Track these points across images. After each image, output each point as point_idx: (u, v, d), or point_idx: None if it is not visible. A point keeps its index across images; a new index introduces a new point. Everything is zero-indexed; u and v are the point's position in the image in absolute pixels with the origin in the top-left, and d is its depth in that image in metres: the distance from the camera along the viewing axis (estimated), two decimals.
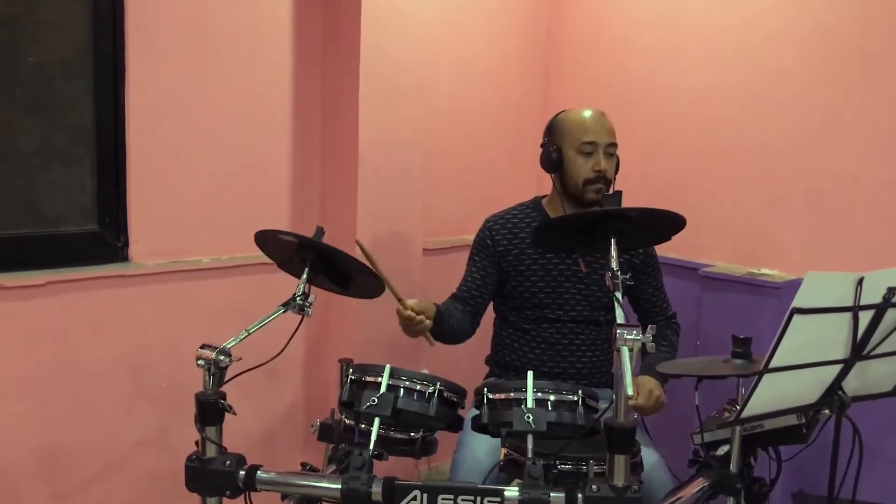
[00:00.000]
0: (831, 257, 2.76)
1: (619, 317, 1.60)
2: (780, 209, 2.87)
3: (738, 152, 2.99)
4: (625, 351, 1.52)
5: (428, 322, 2.21)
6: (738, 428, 1.85)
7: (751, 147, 2.95)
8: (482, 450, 2.17)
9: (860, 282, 1.54)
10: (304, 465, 2.14)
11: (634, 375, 2.25)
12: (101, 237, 2.50)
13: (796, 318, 1.48)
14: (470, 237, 3.17)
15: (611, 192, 2.37)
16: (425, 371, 1.93)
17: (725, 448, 1.93)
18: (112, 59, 2.45)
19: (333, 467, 2.18)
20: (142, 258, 2.54)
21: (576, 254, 2.36)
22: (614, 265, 1.70)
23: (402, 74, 2.88)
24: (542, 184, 3.59)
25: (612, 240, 1.71)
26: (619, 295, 1.65)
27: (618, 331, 1.53)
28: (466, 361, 2.95)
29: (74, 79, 2.42)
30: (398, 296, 2.14)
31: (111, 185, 2.50)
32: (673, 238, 1.94)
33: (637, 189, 2.41)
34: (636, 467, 1.94)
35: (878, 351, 1.66)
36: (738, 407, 1.89)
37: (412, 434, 1.87)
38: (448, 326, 2.34)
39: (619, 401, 1.55)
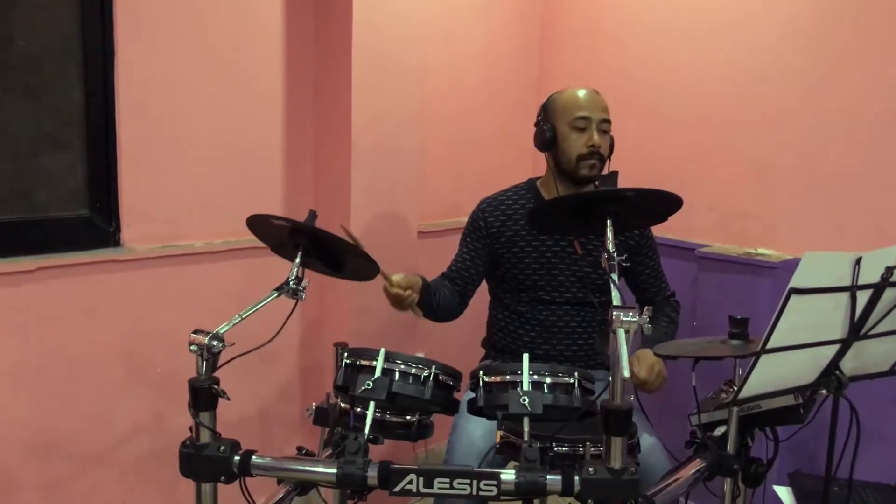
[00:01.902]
0: (827, 237, 2.75)
1: (616, 298, 1.59)
2: (777, 189, 2.86)
3: (734, 132, 2.97)
4: (621, 333, 1.50)
5: (415, 296, 2.21)
6: (735, 409, 1.85)
7: (747, 126, 2.93)
8: (478, 433, 2.16)
9: (858, 261, 1.53)
10: (299, 449, 2.14)
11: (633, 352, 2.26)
12: (92, 222, 2.47)
13: (794, 298, 1.46)
14: (465, 219, 3.16)
15: (605, 171, 2.36)
16: (421, 354, 1.92)
17: (723, 429, 1.93)
18: (101, 42, 2.41)
19: (329, 451, 2.18)
20: (134, 243, 2.52)
21: (571, 235, 2.35)
22: (610, 247, 1.68)
23: (396, 54, 2.85)
24: (536, 165, 3.57)
25: (608, 221, 1.70)
26: (615, 276, 1.64)
27: (614, 312, 1.52)
28: (461, 344, 2.95)
29: (63, 62, 2.39)
30: (384, 274, 2.13)
31: (102, 169, 2.47)
32: (669, 218, 1.93)
33: (632, 169, 2.40)
34: (633, 449, 1.93)
35: (876, 330, 1.65)
36: (735, 388, 1.89)
37: (408, 417, 1.85)
38: (434, 301, 2.34)
39: (615, 382, 1.53)
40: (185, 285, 2.63)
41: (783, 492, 2.32)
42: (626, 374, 1.45)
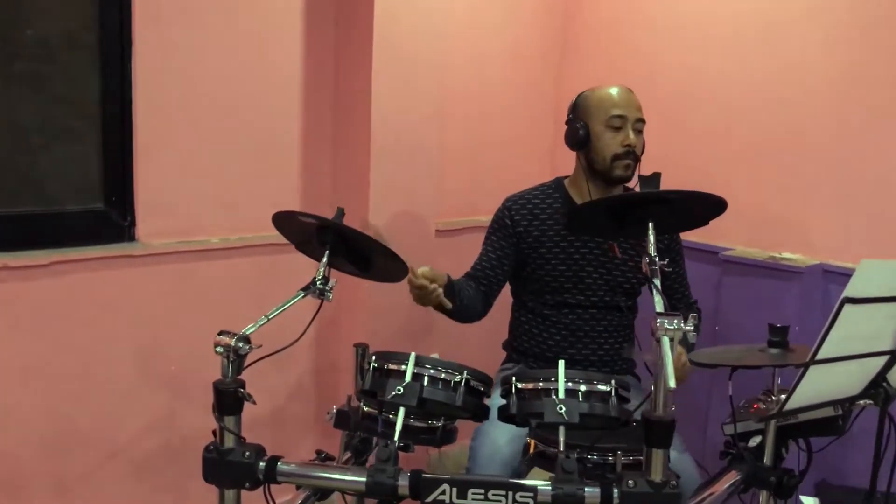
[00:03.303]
0: (854, 242, 2.70)
1: (659, 305, 1.53)
2: (803, 193, 2.81)
3: (757, 135, 2.92)
4: (665, 341, 1.45)
5: (440, 290, 2.13)
6: (772, 420, 1.79)
7: (771, 129, 2.88)
8: (502, 439, 2.11)
9: None
10: (318, 452, 2.09)
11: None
12: (106, 216, 2.41)
13: (847, 307, 1.41)
14: (482, 218, 3.11)
15: (637, 171, 2.30)
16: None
17: (757, 439, 1.87)
18: (118, 31, 2.36)
19: (349, 455, 2.13)
20: (149, 238, 2.46)
21: (609, 238, 2.29)
22: (652, 251, 1.62)
23: (417, 50, 2.79)
24: (556, 164, 3.52)
25: (650, 224, 1.64)
26: (657, 282, 1.58)
27: (658, 320, 1.46)
28: (480, 346, 2.89)
29: (79, 52, 2.33)
30: (409, 266, 2.06)
31: (117, 163, 2.41)
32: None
33: (654, 170, 2.33)
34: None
35: None
36: (773, 397, 1.84)
37: (433, 423, 1.80)
38: (458, 300, 2.26)
39: (658, 392, 1.48)
40: (200, 282, 2.57)
41: (810, 502, 2.27)
42: (672, 383, 1.40)
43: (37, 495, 2.32)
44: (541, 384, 1.66)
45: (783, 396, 1.80)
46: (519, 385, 1.68)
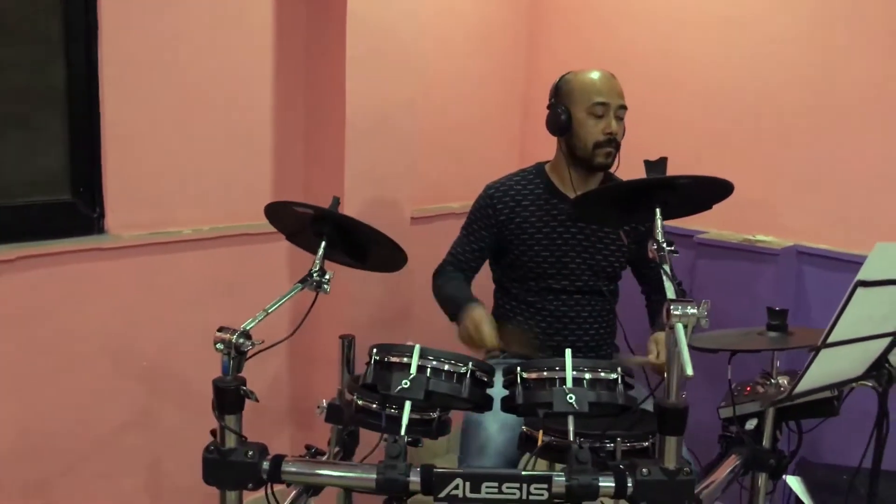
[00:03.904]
0: (826, 223, 2.74)
1: (670, 291, 1.52)
2: (774, 175, 2.83)
3: (730, 117, 2.93)
4: (679, 328, 1.43)
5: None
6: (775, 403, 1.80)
7: (743, 112, 2.90)
8: (493, 427, 2.09)
9: None
10: (308, 447, 2.03)
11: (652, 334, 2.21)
12: (74, 208, 2.32)
13: (860, 290, 1.41)
14: (455, 204, 3.07)
15: (617, 158, 2.29)
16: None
17: (754, 422, 1.88)
18: (84, 16, 2.25)
19: (338, 449, 2.09)
20: (119, 230, 2.37)
21: (614, 226, 2.28)
22: (660, 236, 1.61)
23: (391, 33, 2.72)
24: (525, 149, 3.50)
25: (657, 210, 1.62)
26: (667, 268, 1.57)
27: (671, 306, 1.45)
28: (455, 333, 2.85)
29: (41, 37, 2.22)
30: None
31: (85, 152, 2.31)
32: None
33: (627, 155, 2.33)
34: None
35: None
36: (773, 380, 1.85)
37: (429, 414, 1.76)
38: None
39: (671, 379, 1.47)
40: (173, 274, 2.49)
41: (794, 481, 2.30)
42: (690, 371, 1.38)
43: (9, 498, 2.22)
44: (545, 373, 1.64)
45: (782, 379, 1.82)
46: (524, 375, 1.65)
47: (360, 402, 1.83)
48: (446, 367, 1.64)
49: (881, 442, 1.62)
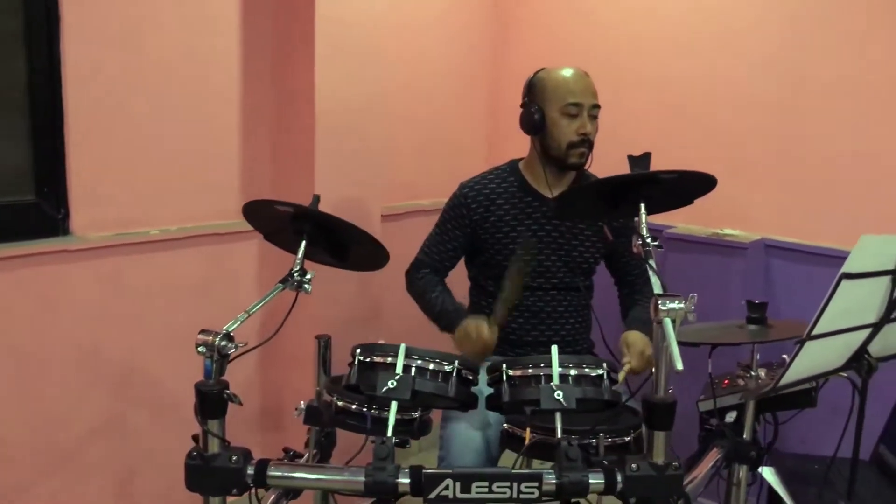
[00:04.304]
0: (792, 217, 2.77)
1: (656, 286, 1.53)
2: (741, 169, 2.86)
3: (697, 111, 2.96)
4: (667, 322, 1.44)
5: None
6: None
7: (710, 106, 2.92)
8: (474, 425, 2.07)
9: None
10: (286, 450, 2.01)
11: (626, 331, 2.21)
12: (38, 208, 2.25)
13: (844, 283, 1.43)
14: (425, 201, 3.05)
15: (590, 157, 2.29)
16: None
17: (734, 414, 1.90)
18: (45, 12, 2.19)
19: (316, 451, 2.06)
20: (84, 231, 2.31)
21: (598, 221, 2.28)
22: (644, 231, 1.61)
23: (358, 32, 2.69)
24: (494, 145, 3.49)
25: (642, 205, 1.62)
26: (652, 263, 1.57)
27: (658, 301, 1.45)
28: (430, 331, 2.83)
29: (2, 33, 2.15)
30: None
31: (48, 152, 2.25)
32: None
33: (597, 149, 2.33)
34: (639, 442, 1.86)
35: None
36: (752, 373, 1.86)
37: (409, 414, 1.75)
38: None
39: (659, 374, 1.47)
40: (140, 275, 2.43)
41: (768, 472, 2.32)
42: (679, 366, 1.38)
43: None
44: (531, 370, 1.64)
45: (761, 371, 1.84)
46: (510, 372, 1.64)
47: (339, 404, 1.80)
48: (431, 367, 1.64)
49: (860, 431, 1.64)
